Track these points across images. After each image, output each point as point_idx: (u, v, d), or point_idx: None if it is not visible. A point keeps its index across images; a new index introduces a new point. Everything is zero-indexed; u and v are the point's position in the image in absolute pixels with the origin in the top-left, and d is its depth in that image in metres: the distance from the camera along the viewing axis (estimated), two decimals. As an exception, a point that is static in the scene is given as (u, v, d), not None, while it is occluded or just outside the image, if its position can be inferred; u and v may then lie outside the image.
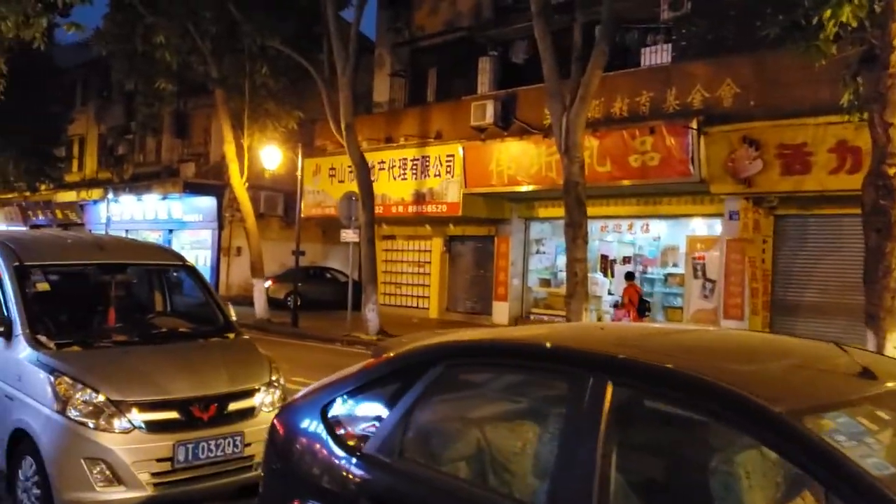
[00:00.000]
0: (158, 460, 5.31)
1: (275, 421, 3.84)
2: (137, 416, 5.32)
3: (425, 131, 21.61)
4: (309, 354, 15.76)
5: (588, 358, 2.80)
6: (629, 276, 18.31)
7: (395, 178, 21.91)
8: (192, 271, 7.04)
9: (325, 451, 3.46)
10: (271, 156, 20.14)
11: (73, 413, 5.25)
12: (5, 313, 5.83)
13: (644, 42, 18.46)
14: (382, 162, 22.16)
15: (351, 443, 3.39)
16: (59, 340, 5.71)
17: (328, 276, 28.50)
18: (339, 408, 3.56)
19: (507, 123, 19.53)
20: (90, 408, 5.26)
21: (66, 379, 5.34)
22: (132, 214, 30.87)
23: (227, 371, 5.88)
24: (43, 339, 5.68)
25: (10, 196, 35.84)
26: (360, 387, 3.55)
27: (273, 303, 22.28)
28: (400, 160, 21.86)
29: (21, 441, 5.50)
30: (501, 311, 21.84)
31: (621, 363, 2.71)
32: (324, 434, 3.50)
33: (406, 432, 3.23)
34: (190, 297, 7.21)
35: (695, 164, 16.14)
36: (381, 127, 23.16)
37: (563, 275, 21.98)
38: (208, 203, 28.33)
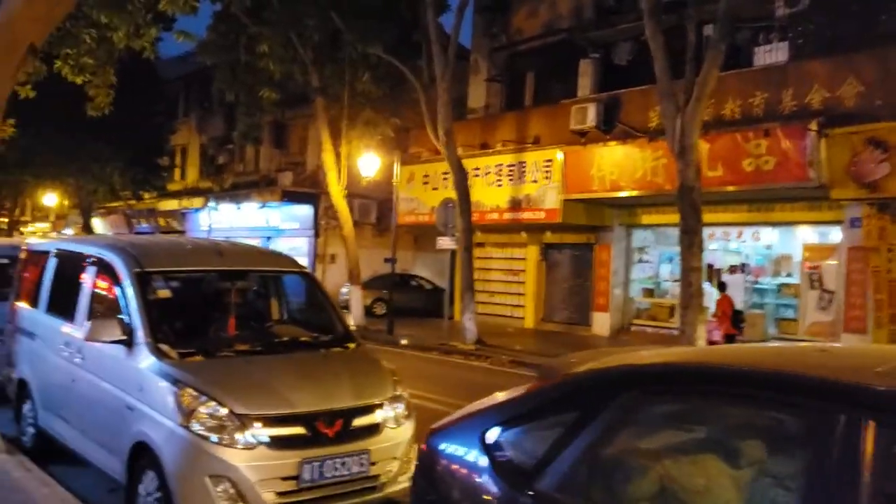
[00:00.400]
0: (283, 479, 5.00)
1: (425, 447, 3.44)
2: (262, 431, 5.02)
3: (522, 136, 21.12)
4: (410, 364, 15.44)
5: (839, 389, 2.26)
6: (722, 287, 17.33)
7: (490, 185, 21.48)
8: (309, 278, 6.77)
9: (487, 486, 3.03)
10: (369, 163, 20.03)
11: (196, 427, 5.00)
12: (126, 321, 5.64)
13: (756, 41, 17.50)
14: (477, 168, 21.75)
15: (519, 477, 2.94)
16: (182, 350, 5.49)
17: (413, 283, 28.34)
18: (500, 435, 3.12)
19: (610, 127, 18.85)
20: (214, 422, 5.00)
21: (190, 390, 5.10)
22: (231, 222, 31.43)
23: (351, 384, 5.54)
24: (165, 348, 5.46)
25: (115, 204, 37.15)
26: (528, 413, 3.10)
27: (359, 310, 22.21)
28: (496, 166, 21.43)
29: (142, 454, 5.28)
30: (601, 321, 21.10)
31: (890, 398, 2.16)
32: (485, 465, 3.07)
33: (592, 470, 2.76)
34: (307, 305, 6.94)
35: (814, 168, 15.12)
36: (477, 133, 22.78)
37: (667, 284, 21.19)
38: (305, 211, 28.57)
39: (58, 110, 24.15)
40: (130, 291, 5.77)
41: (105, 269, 6.26)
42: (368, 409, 5.46)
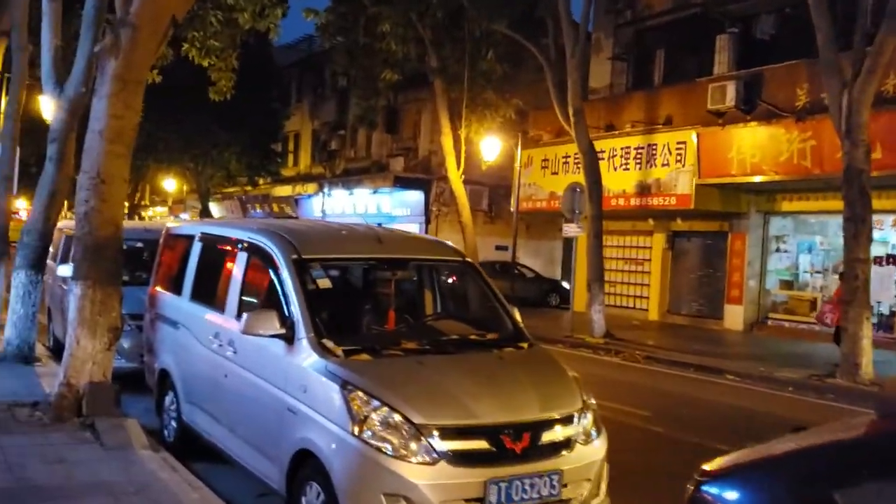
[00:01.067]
0: (467, 501, 4.31)
1: (696, 491, 2.64)
2: (443, 445, 4.34)
3: (652, 117, 19.88)
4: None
5: None
6: (842, 275, 15.72)
7: (616, 169, 20.36)
8: (472, 268, 6.05)
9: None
10: (491, 146, 19.27)
11: (368, 436, 4.36)
12: (285, 313, 5.07)
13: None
14: (602, 151, 20.62)
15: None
16: (346, 347, 4.87)
17: (515, 271, 27.44)
18: (828, 490, 2.28)
19: (751, 106, 17.43)
20: (389, 431, 4.35)
21: (361, 394, 4.46)
22: (343, 208, 31.39)
23: (535, 391, 4.79)
24: (329, 344, 4.85)
25: (231, 190, 37.82)
26: (878, 462, 2.25)
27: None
28: (622, 149, 20.29)
29: (305, 463, 4.70)
30: (734, 315, 19.71)
31: None
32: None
33: None
34: (468, 298, 6.24)
35: None
36: (601, 114, 21.65)
37: (806, 276, 19.61)
38: (416, 197, 28.16)
39: (180, 96, 24.47)
40: (289, 281, 5.19)
41: (258, 256, 5.72)
42: (558, 422, 4.70)
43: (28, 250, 10.11)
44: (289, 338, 5.01)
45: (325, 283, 5.34)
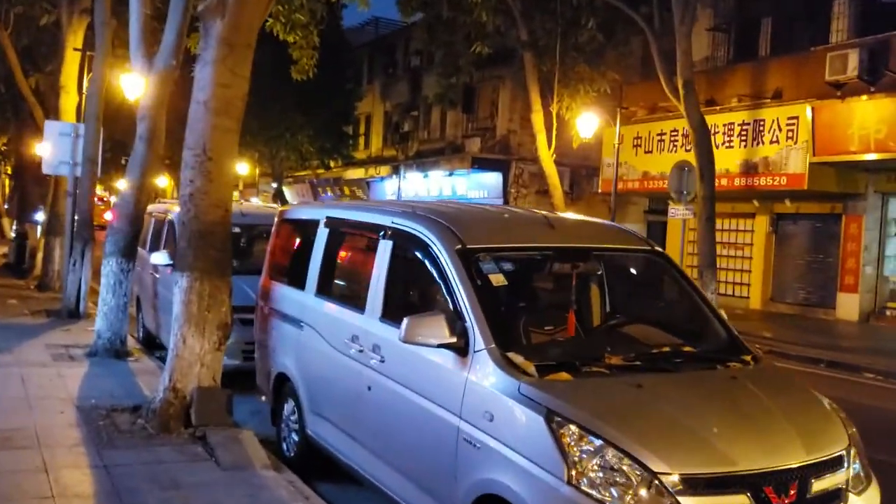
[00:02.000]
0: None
1: None
2: (690, 501, 3.23)
3: (759, 91, 18.30)
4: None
5: None
6: None
7: (718, 147, 18.75)
8: (665, 260, 4.91)
9: None
10: (587, 123, 17.96)
11: (585, 484, 3.29)
12: (454, 318, 4.01)
13: None
14: (702, 129, 19.18)
15: None
16: (539, 362, 3.79)
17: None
18: None
19: (875, 77, 15.74)
20: (615, 480, 3.26)
21: (575, 428, 3.39)
22: (416, 191, 30.41)
23: (793, 426, 3.65)
24: (518, 359, 3.78)
25: (302, 173, 37.20)
26: None
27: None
28: (725, 125, 18.74)
29: (492, 509, 3.66)
30: (849, 304, 18.06)
31: None
32: None
33: None
34: (661, 298, 5.10)
35: None
36: (700, 89, 20.04)
37: (930, 262, 17.89)
38: (493, 179, 26.97)
39: (257, 78, 23.69)
40: (455, 277, 4.14)
41: (409, 245, 4.69)
42: (826, 466, 3.55)
43: (118, 236, 9.33)
44: (461, 348, 3.96)
45: (498, 279, 4.26)
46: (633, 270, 5.20)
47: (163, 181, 54.23)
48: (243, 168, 38.80)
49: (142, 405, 6.59)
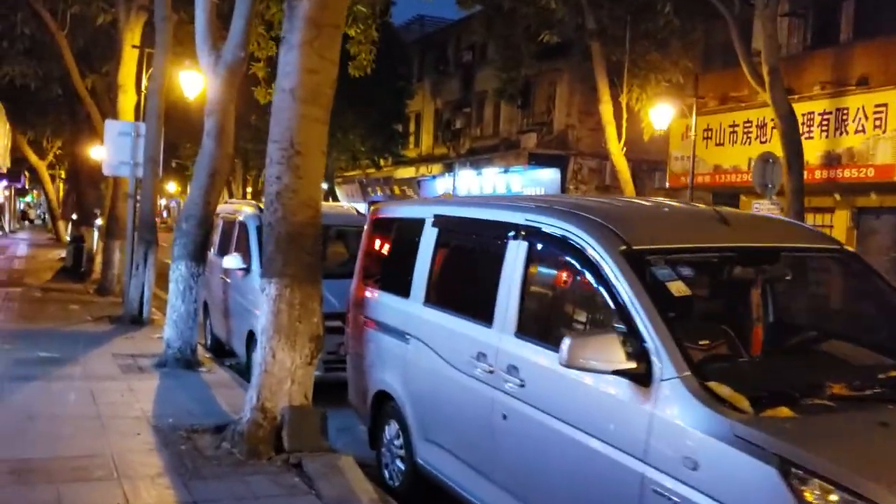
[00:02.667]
0: None
1: None
2: None
3: (842, 78, 17.14)
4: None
5: None
6: None
7: (796, 138, 17.71)
8: (858, 263, 4.07)
9: None
10: (661, 115, 17.00)
11: (839, 557, 2.49)
12: (637, 340, 3.23)
13: None
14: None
15: None
16: (749, 393, 2.99)
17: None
18: None
19: (976, 59, 14.55)
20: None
21: (821, 483, 2.60)
22: (469, 189, 29.66)
23: None
24: (724, 391, 2.99)
25: (352, 173, 36.70)
26: None
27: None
28: (805, 115, 17.55)
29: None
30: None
31: None
32: None
33: None
34: (850, 306, 4.27)
35: None
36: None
37: None
38: (550, 175, 26.08)
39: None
40: (626, 286, 3.37)
41: (552, 246, 3.94)
42: None
43: (187, 239, 8.73)
44: (641, 375, 3.18)
45: (679, 288, 3.46)
46: (818, 273, 4.36)
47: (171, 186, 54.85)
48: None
49: (225, 425, 5.93)
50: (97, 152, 24.74)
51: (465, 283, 4.79)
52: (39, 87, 19.25)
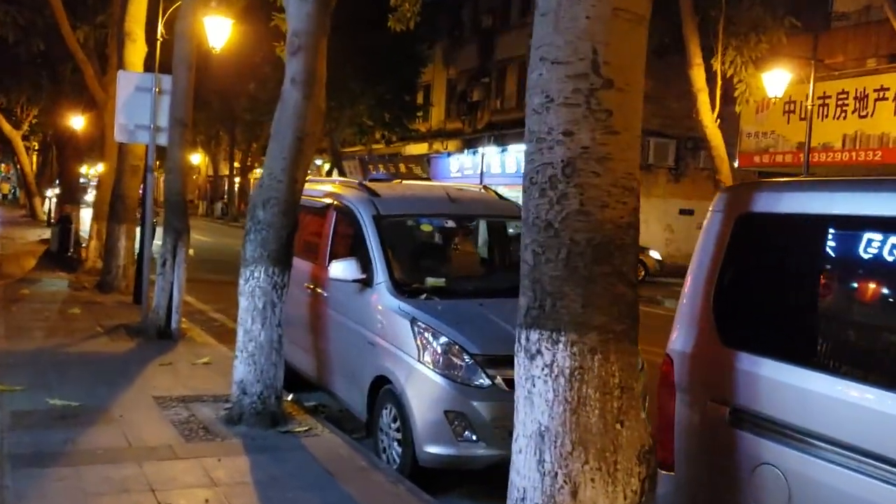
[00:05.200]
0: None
1: None
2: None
3: None
4: None
5: None
6: None
7: (903, 113, 15.23)
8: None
9: None
10: (776, 80, 14.29)
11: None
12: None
13: None
14: (883, 89, 15.56)
15: None
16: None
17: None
18: None
19: None
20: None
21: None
22: (488, 166, 26.84)
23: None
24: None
25: (354, 150, 33.59)
26: None
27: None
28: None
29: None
30: None
31: None
32: None
33: None
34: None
35: None
36: (869, 42, 16.48)
37: None
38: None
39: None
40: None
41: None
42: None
43: (267, 233, 5.82)
44: None
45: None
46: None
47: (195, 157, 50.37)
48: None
49: None
50: (78, 121, 21.52)
51: None
52: (18, 41, 15.92)
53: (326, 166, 41.61)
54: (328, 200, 6.47)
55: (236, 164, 43.34)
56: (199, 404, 6.02)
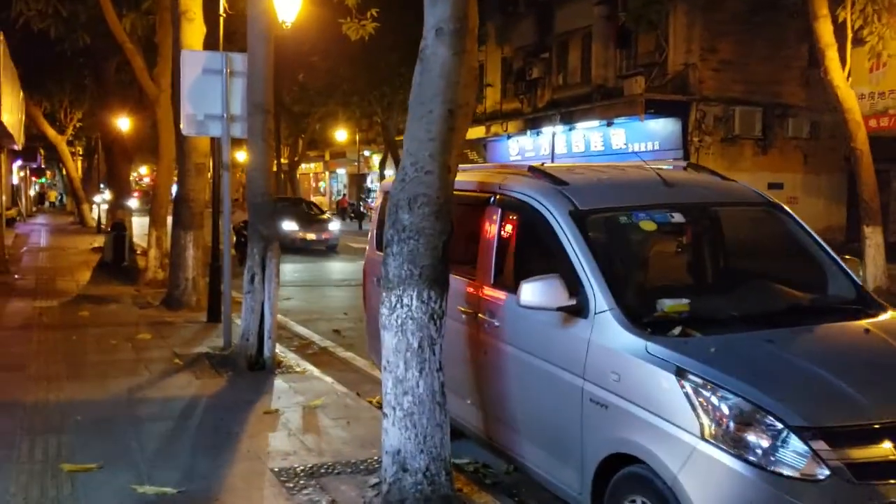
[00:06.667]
0: None
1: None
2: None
3: None
4: None
5: None
6: None
7: None
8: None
9: None
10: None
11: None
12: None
13: None
14: None
15: None
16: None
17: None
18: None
19: None
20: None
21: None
22: (549, 147, 24.95)
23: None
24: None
25: (399, 138, 31.95)
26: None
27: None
28: None
29: None
30: None
31: None
32: None
33: None
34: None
35: None
36: None
37: None
38: (666, 126, 21.38)
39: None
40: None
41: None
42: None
43: (417, 242, 4.16)
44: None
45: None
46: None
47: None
48: (342, 134, 33.80)
49: None
50: (125, 122, 20.17)
51: None
52: (60, 37, 14.51)
53: (375, 158, 40.15)
54: (487, 193, 4.77)
55: (283, 160, 41.98)
56: (335, 479, 4.43)
